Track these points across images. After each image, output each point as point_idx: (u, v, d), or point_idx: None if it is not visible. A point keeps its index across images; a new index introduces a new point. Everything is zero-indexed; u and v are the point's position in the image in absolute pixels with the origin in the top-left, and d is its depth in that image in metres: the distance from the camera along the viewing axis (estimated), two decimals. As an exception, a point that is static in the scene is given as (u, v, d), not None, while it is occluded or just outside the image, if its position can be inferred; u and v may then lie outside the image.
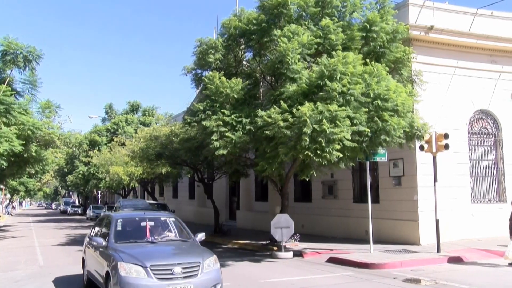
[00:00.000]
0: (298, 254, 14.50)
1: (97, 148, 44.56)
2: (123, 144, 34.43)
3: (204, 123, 13.51)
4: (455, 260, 12.68)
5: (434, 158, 14.02)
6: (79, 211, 59.70)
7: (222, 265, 13.01)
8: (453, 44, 16.86)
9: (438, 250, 13.42)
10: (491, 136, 17.68)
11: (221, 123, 13.25)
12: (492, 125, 17.74)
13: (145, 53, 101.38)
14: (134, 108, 51.54)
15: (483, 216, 16.59)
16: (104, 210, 37.94)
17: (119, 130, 46.15)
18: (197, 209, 32.94)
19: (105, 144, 45.08)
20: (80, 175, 46.98)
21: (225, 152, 13.25)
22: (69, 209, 61.30)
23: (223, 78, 14.03)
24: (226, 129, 13.20)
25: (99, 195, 62.67)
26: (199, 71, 17.09)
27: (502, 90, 17.79)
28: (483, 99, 17.44)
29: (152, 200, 31.20)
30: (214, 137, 13.17)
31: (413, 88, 14.70)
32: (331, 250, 14.67)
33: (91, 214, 43.57)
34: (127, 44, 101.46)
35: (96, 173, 41.37)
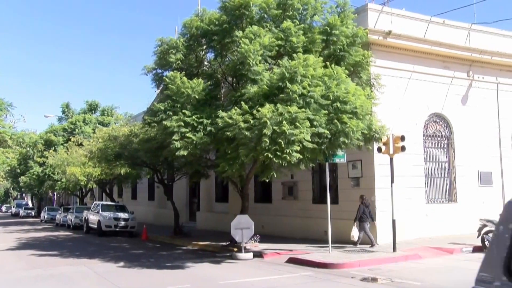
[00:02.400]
0: (258, 255, 14.54)
1: (53, 148, 43.22)
2: (81, 144, 33.58)
3: (165, 123, 13.37)
4: (410, 258, 13.07)
5: (391, 159, 14.38)
6: (33, 214, 57.56)
7: (181, 267, 13.02)
8: (409, 49, 17.38)
9: (395, 249, 13.78)
10: (444, 139, 18.33)
11: (182, 123, 13.14)
12: (445, 128, 18.40)
13: (104, 51, 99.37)
14: (92, 108, 50.32)
15: (436, 215, 17.19)
16: (59, 212, 36.84)
17: (77, 130, 44.96)
18: (157, 211, 32.51)
19: (62, 144, 43.81)
20: (34, 176, 45.40)
21: (185, 152, 13.14)
22: (22, 212, 58.88)
23: (185, 79, 13.93)
24: (187, 130, 13.10)
25: (55, 197, 60.79)
26: (159, 71, 16.88)
27: (454, 94, 18.49)
28: (437, 103, 18.06)
29: (110, 202, 30.57)
30: (175, 137, 13.05)
31: (372, 91, 15.03)
32: (291, 250, 14.80)
33: (46, 216, 42.13)
34: (85, 40, 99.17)
35: (51, 174, 40.14)
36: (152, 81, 17.18)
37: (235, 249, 15.13)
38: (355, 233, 15.19)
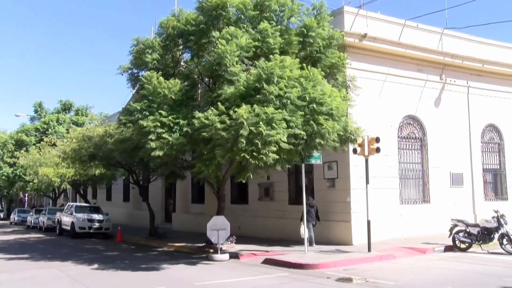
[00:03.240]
0: (234, 256, 14.52)
1: (25, 149, 42.19)
2: (54, 145, 32.94)
3: (141, 123, 13.24)
4: (385, 258, 13.25)
5: (366, 161, 14.56)
6: (2, 216, 56.00)
7: (157, 268, 12.89)
8: (384, 52, 17.64)
9: (369, 249, 13.94)
10: (418, 141, 18.66)
11: (158, 123, 13.04)
12: (419, 130, 18.73)
13: (79, 50, 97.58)
14: (66, 107, 49.37)
15: (410, 216, 17.47)
16: (31, 213, 36.01)
17: (50, 130, 44.04)
18: (132, 212, 32.15)
19: (34, 144, 42.84)
20: (4, 177, 44.17)
21: (161, 153, 13.04)
22: None
23: (161, 79, 13.83)
24: (163, 130, 13.00)
25: (26, 198, 59.44)
26: (135, 71, 16.73)
27: (428, 97, 18.85)
28: (411, 106, 18.37)
29: (84, 203, 30.08)
30: (151, 137, 12.94)
31: (347, 93, 15.18)
32: (267, 251, 14.83)
33: (16, 218, 41.07)
34: (59, 38, 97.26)
35: (23, 175, 39.14)
36: (128, 81, 17.02)
37: (211, 250, 15.07)
38: (304, 232, 15.11)
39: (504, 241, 13.90)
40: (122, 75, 16.99)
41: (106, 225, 24.01)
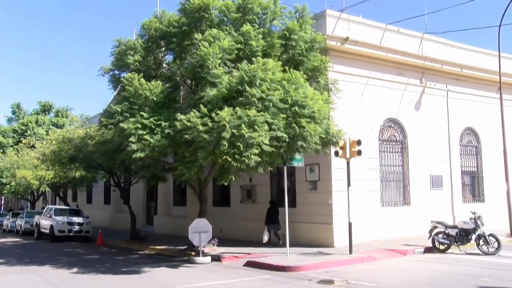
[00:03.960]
0: (216, 258, 14.47)
1: (2, 151, 41.45)
2: (33, 147, 32.45)
3: (122, 125, 13.10)
4: (366, 260, 13.36)
5: (348, 163, 14.67)
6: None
7: (138, 272, 12.77)
8: (366, 56, 17.81)
9: (351, 251, 14.04)
10: (398, 143, 18.88)
11: (139, 125, 12.93)
12: (399, 133, 18.95)
13: (59, 51, 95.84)
14: (46, 109, 48.70)
15: (391, 218, 17.65)
16: (8, 217, 35.27)
17: (28, 131, 43.38)
18: (113, 215, 31.80)
19: (12, 146, 42.11)
20: (-21, 180, 43.26)
21: (143, 155, 12.94)
22: None
23: (143, 80, 13.73)
24: (145, 132, 12.90)
25: (3, 201, 58.33)
26: (117, 72, 16.58)
27: (408, 100, 19.09)
28: (392, 109, 18.58)
29: (64, 206, 29.65)
30: (132, 139, 12.82)
31: (329, 96, 15.26)
32: (249, 254, 14.81)
33: None
34: (39, 39, 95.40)
35: (-1, 177, 38.38)
36: (109, 83, 16.89)
37: (193, 253, 14.99)
38: (266, 236, 16.62)
39: (481, 241, 14.18)
40: (104, 76, 16.85)
41: (87, 228, 23.70)
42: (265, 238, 16.64)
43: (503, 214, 18.96)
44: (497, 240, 14.00)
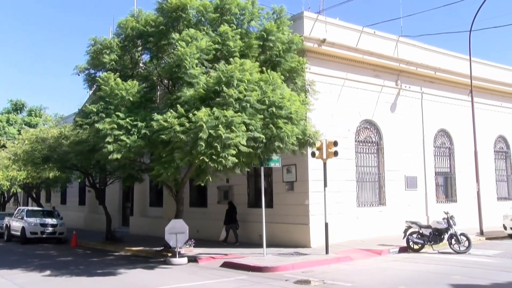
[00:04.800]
0: (193, 259, 14.41)
1: (-30, 151, 40.25)
2: (4, 146, 31.64)
3: (97, 125, 12.91)
4: (342, 260, 13.49)
5: (325, 164, 14.79)
6: None
7: (113, 273, 12.61)
8: (343, 58, 17.99)
9: (327, 251, 14.15)
10: (374, 145, 19.12)
11: (115, 126, 12.77)
12: (375, 134, 19.20)
13: (32, 49, 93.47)
14: (18, 107, 47.48)
15: (367, 218, 17.87)
16: None
17: (-1, 131, 42.27)
18: (88, 216, 31.29)
19: (-20, 146, 40.94)
20: None
21: (119, 156, 12.78)
22: None
23: (119, 80, 13.57)
24: (121, 133, 12.74)
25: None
26: (92, 71, 16.33)
27: (384, 102, 19.36)
28: (368, 110, 18.82)
29: (37, 207, 29.03)
30: (108, 140, 12.65)
31: (306, 97, 15.37)
32: (226, 254, 14.79)
33: None
34: (11, 37, 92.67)
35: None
36: (85, 82, 16.60)
37: (169, 254, 14.89)
38: (223, 234, 17.86)
39: (453, 241, 14.50)
40: (79, 75, 16.55)
41: (60, 230, 23.22)
42: (222, 237, 17.80)
43: (474, 214, 19.43)
44: (468, 239, 14.36)
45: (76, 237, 21.49)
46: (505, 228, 18.42)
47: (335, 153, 14.61)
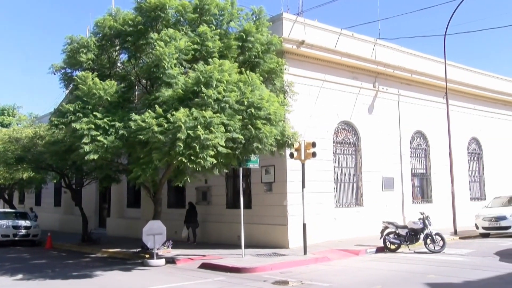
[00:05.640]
0: (171, 261, 14.32)
1: None
2: (-26, 146, 30.79)
3: (74, 125, 12.73)
4: (320, 260, 13.58)
5: (303, 165, 14.87)
6: None
7: (89, 276, 12.44)
8: (321, 59, 18.12)
9: (305, 252, 14.22)
10: (352, 146, 19.31)
11: (92, 126, 12.62)
12: (353, 135, 19.39)
13: (4, 44, 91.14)
14: (-12, 107, 46.50)
15: (344, 219, 18.02)
16: None
17: (-31, 130, 41.18)
18: (64, 217, 30.79)
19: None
20: None
21: (96, 156, 12.62)
22: None
23: (96, 79, 13.41)
24: (98, 133, 12.59)
25: None
26: (69, 71, 16.13)
27: (361, 104, 19.58)
28: (346, 112, 18.99)
29: (9, 209, 28.38)
30: (85, 140, 12.48)
31: (285, 98, 15.42)
32: (204, 256, 14.74)
33: None
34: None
35: None
36: (61, 81, 16.34)
37: (147, 256, 14.77)
38: (184, 233, 18.80)
39: (428, 241, 14.75)
40: (55, 74, 16.31)
41: (34, 232, 22.71)
42: (183, 235, 18.71)
43: (448, 214, 19.82)
44: (442, 239, 14.64)
45: (51, 239, 21.08)
46: (477, 227, 18.89)
47: (314, 154, 14.70)
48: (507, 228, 18.09)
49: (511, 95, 26.90)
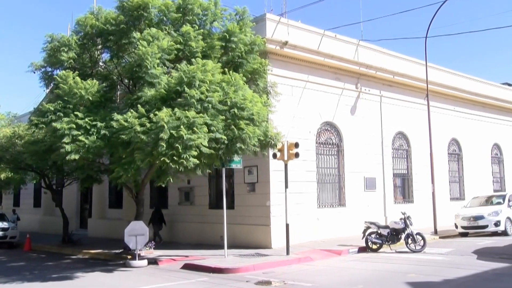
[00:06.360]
0: (153, 262, 14.23)
1: None
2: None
3: (54, 124, 12.56)
4: (303, 261, 13.63)
5: (286, 165, 14.91)
6: None
7: (70, 277, 12.28)
8: (304, 60, 18.20)
9: (288, 252, 14.26)
10: (334, 146, 19.43)
11: (74, 126, 12.47)
12: (336, 136, 19.51)
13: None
14: (-33, 105, 45.46)
15: (327, 219, 18.13)
16: None
17: None
18: (44, 218, 30.32)
19: None
20: None
21: (77, 156, 12.47)
22: None
23: (78, 79, 13.25)
24: (79, 133, 12.45)
25: None
26: (49, 69, 15.90)
27: (344, 105, 19.72)
28: (329, 112, 19.11)
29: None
30: (66, 140, 12.32)
31: (268, 99, 15.45)
32: (187, 256, 14.68)
33: None
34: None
35: None
36: (41, 80, 16.09)
37: (129, 257, 14.65)
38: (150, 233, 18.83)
39: (409, 240, 14.94)
40: (34, 73, 16.06)
41: (12, 234, 22.20)
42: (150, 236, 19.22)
43: (429, 214, 20.10)
44: (423, 238, 14.83)
45: (30, 240, 20.71)
46: (456, 227, 19.23)
47: (296, 155, 14.75)
48: (484, 227, 18.47)
49: (489, 97, 27.43)
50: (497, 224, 18.30)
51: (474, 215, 18.70)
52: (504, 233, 18.30)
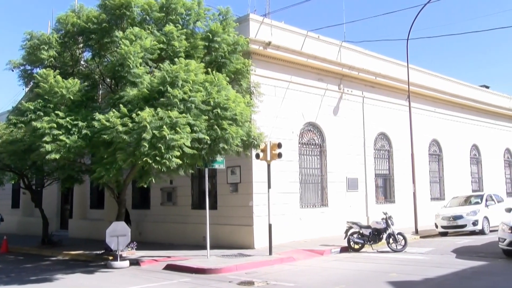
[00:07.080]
0: (135, 262, 14.11)
1: None
2: None
3: (34, 124, 12.34)
4: (285, 261, 13.67)
5: (269, 166, 14.93)
6: None
7: (49, 280, 12.10)
8: (287, 61, 18.26)
9: (270, 252, 14.29)
10: (317, 147, 19.54)
11: (54, 125, 12.27)
12: (318, 136, 19.62)
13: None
14: None
15: (309, 219, 18.22)
16: None
17: None
18: (22, 219, 29.79)
19: None
20: None
21: (57, 156, 12.27)
22: None
23: (59, 77, 13.07)
24: (60, 132, 12.26)
25: None
26: (29, 68, 15.63)
27: (327, 105, 19.84)
28: (312, 113, 19.20)
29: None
30: (46, 139, 12.13)
31: (251, 99, 15.44)
32: (169, 257, 14.59)
33: None
34: None
35: None
36: (20, 78, 15.84)
37: (111, 258, 14.50)
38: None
39: (391, 240, 15.11)
40: (13, 71, 15.76)
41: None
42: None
43: (410, 214, 20.34)
44: (404, 238, 15.02)
45: (7, 242, 20.26)
46: (436, 226, 19.54)
47: (279, 155, 14.79)
48: (463, 226, 18.83)
49: (468, 99, 27.92)
50: (475, 223, 18.67)
51: (453, 215, 19.03)
52: (482, 232, 18.69)
